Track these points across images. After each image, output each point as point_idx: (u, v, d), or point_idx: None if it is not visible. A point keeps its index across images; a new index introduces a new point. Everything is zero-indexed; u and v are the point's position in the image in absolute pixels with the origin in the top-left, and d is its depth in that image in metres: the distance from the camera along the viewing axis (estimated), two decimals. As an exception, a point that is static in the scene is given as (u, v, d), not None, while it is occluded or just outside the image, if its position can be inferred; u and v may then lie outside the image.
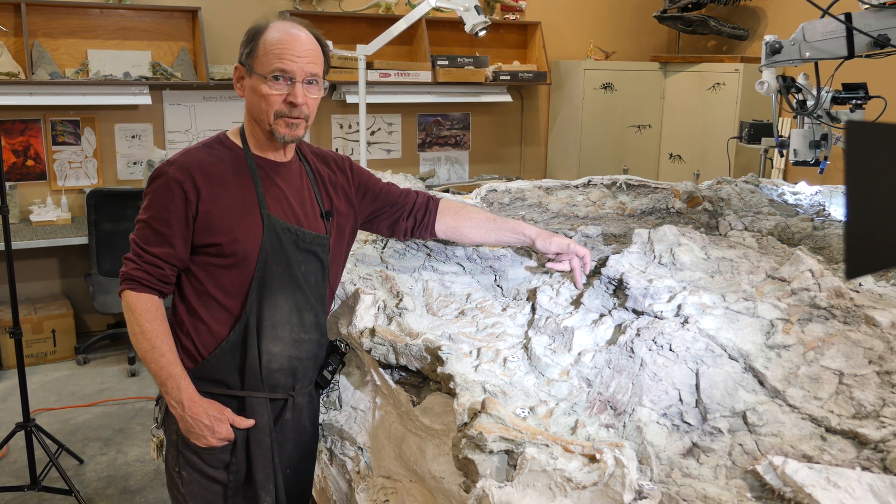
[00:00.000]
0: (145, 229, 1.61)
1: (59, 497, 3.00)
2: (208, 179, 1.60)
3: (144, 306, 1.60)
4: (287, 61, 1.59)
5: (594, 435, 1.36)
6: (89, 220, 4.18)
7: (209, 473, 1.68)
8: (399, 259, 2.13)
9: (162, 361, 1.60)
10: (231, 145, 1.68)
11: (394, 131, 5.63)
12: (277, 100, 1.61)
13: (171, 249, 1.60)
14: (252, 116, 1.66)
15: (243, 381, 1.67)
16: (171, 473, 1.73)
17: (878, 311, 1.55)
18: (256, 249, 1.62)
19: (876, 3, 2.17)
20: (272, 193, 1.66)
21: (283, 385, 1.72)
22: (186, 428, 1.63)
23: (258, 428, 1.68)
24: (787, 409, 1.36)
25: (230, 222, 1.61)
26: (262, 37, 1.61)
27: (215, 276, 1.63)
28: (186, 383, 1.61)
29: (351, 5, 5.28)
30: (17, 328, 2.92)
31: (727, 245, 2.11)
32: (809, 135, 2.57)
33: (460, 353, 1.60)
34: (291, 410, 1.73)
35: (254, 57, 1.61)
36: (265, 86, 1.60)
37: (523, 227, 1.93)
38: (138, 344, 1.61)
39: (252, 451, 1.68)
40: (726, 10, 6.02)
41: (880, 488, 1.09)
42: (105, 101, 4.52)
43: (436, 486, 1.55)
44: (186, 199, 1.58)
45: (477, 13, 3.93)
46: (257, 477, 1.68)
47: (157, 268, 1.60)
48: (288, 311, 1.68)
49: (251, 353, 1.65)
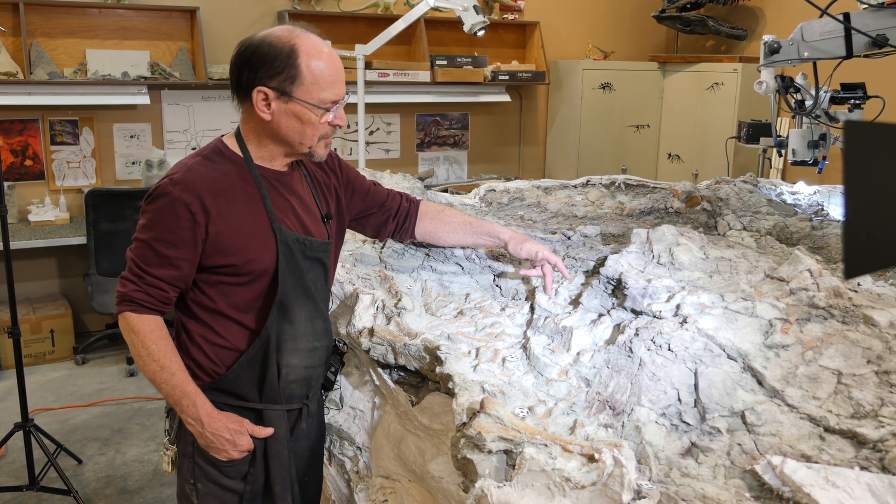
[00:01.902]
0: (146, 250, 1.54)
1: (58, 497, 3.00)
2: (216, 198, 1.54)
3: (149, 328, 1.56)
4: (339, 90, 1.57)
5: (593, 435, 1.36)
6: (88, 220, 4.18)
7: (226, 484, 1.66)
8: (398, 259, 2.13)
9: (174, 381, 1.56)
10: (232, 156, 1.61)
11: (392, 131, 5.63)
12: (324, 125, 1.58)
13: (177, 272, 1.55)
14: (280, 138, 1.60)
15: (261, 394, 1.65)
16: (185, 486, 1.70)
17: (876, 310, 1.55)
18: (272, 266, 1.59)
19: (874, 3, 2.17)
20: (279, 205, 1.62)
21: (299, 395, 1.71)
22: (206, 444, 1.60)
23: (276, 439, 1.66)
24: (786, 408, 1.36)
25: (243, 241, 1.56)
26: (304, 61, 1.53)
27: (227, 294, 1.59)
28: (202, 400, 1.58)
29: (349, 5, 5.28)
30: (16, 328, 2.92)
31: (726, 245, 2.11)
32: (808, 134, 2.57)
33: (459, 353, 1.60)
34: (307, 419, 1.73)
35: (297, 84, 1.54)
36: (314, 114, 1.56)
37: (498, 230, 1.95)
38: (146, 366, 1.56)
39: (270, 463, 1.66)
40: (725, 10, 6.02)
41: (879, 488, 1.09)
42: (103, 100, 4.51)
43: (435, 486, 1.55)
44: (195, 221, 1.52)
45: (475, 13, 3.93)
46: (275, 489, 1.67)
47: (159, 290, 1.55)
48: (304, 322, 1.66)
49: (271, 367, 1.63)
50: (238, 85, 1.59)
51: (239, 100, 1.61)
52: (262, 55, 1.53)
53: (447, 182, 5.66)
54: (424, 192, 2.77)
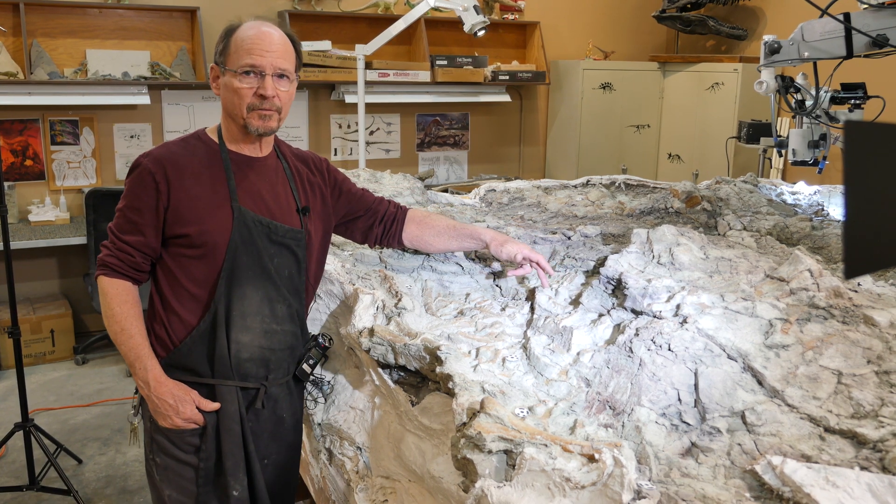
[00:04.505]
0: (120, 218, 1.70)
1: (58, 497, 3.00)
2: (179, 171, 1.66)
3: (116, 291, 1.67)
4: (256, 56, 1.65)
5: (593, 435, 1.36)
6: (88, 220, 4.18)
7: (181, 458, 1.72)
8: (398, 259, 2.13)
9: (131, 343, 1.66)
10: (207, 140, 1.74)
11: (392, 131, 5.63)
12: (248, 93, 1.67)
13: (142, 238, 1.67)
14: (227, 112, 1.72)
15: (213, 369, 1.71)
16: (148, 461, 1.78)
17: (876, 310, 1.55)
18: (226, 240, 1.67)
19: (874, 3, 2.17)
20: (244, 187, 1.71)
21: (255, 375, 1.75)
22: (153, 408, 1.68)
23: (228, 415, 1.71)
24: (786, 408, 1.36)
25: (199, 213, 1.66)
26: (234, 35, 1.68)
27: (186, 267, 1.68)
28: (153, 364, 1.67)
29: (350, 5, 5.28)
30: (16, 328, 2.92)
31: (726, 245, 2.11)
32: (808, 134, 2.57)
33: (459, 353, 1.60)
34: (265, 400, 1.76)
35: (226, 55, 1.68)
36: (236, 80, 1.66)
37: (480, 232, 1.99)
38: (109, 327, 1.67)
39: (222, 438, 1.71)
40: (725, 10, 6.02)
41: (879, 488, 1.09)
42: (104, 100, 4.51)
43: (435, 486, 1.55)
44: (157, 190, 1.65)
45: (476, 13, 3.93)
46: (227, 464, 1.71)
47: (128, 255, 1.67)
48: (258, 301, 1.72)
49: (220, 341, 1.69)
50: None
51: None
52: (219, 37, 1.70)
53: (447, 182, 5.66)
54: (425, 193, 2.77)
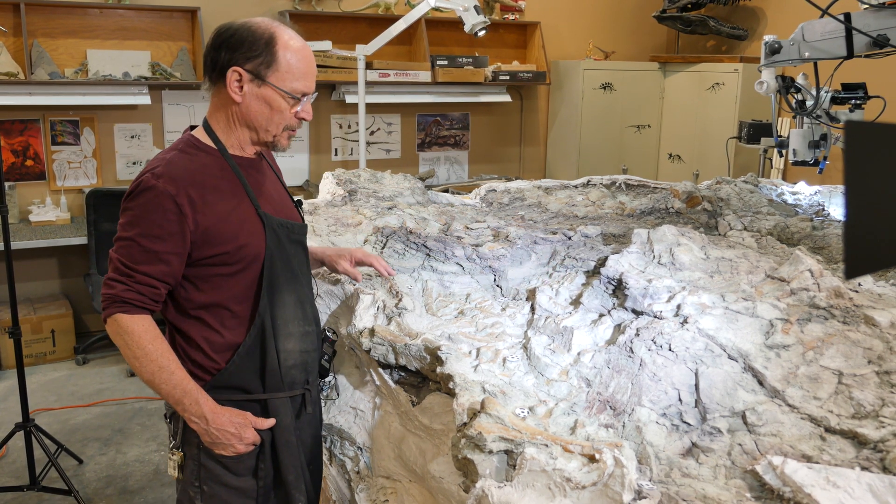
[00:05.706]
0: (133, 248, 1.52)
1: (59, 497, 3.00)
2: (200, 189, 1.55)
3: (143, 327, 1.53)
4: (310, 83, 1.61)
5: (593, 435, 1.36)
6: (88, 221, 4.18)
7: (234, 484, 1.65)
8: (398, 259, 2.13)
9: (174, 380, 1.54)
10: (206, 148, 1.62)
11: (393, 131, 5.63)
12: (291, 115, 1.61)
13: (166, 267, 1.53)
14: (248, 122, 1.62)
15: (264, 383, 1.65)
16: (189, 489, 1.67)
17: (877, 310, 1.55)
18: (262, 250, 1.60)
19: (875, 3, 2.17)
20: (258, 191, 1.65)
21: (299, 381, 1.71)
22: (211, 441, 1.59)
23: (283, 428, 1.66)
24: (787, 408, 1.36)
25: (233, 229, 1.57)
26: (281, 49, 1.57)
27: (220, 285, 1.59)
28: (204, 397, 1.57)
29: (350, 5, 5.28)
30: (17, 328, 2.92)
31: (726, 245, 2.11)
32: (809, 135, 2.57)
33: (460, 353, 1.60)
34: (311, 404, 1.74)
35: (271, 69, 1.57)
36: (283, 100, 1.59)
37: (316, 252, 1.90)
38: (143, 368, 1.54)
39: (280, 452, 1.66)
40: (726, 10, 6.02)
41: (879, 488, 1.09)
42: (104, 101, 4.52)
43: (435, 487, 1.55)
44: (181, 213, 1.51)
45: (476, 13, 3.93)
46: (288, 478, 1.66)
47: (151, 287, 1.53)
48: (293, 306, 1.68)
49: (270, 354, 1.63)
50: (213, 65, 1.60)
51: (211, 81, 1.62)
52: (242, 38, 1.57)
53: (448, 182, 5.66)
54: (425, 193, 2.77)
